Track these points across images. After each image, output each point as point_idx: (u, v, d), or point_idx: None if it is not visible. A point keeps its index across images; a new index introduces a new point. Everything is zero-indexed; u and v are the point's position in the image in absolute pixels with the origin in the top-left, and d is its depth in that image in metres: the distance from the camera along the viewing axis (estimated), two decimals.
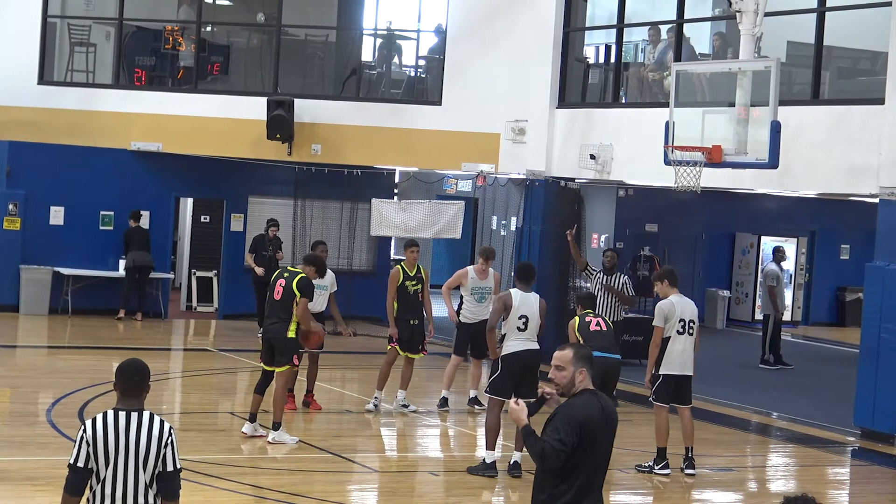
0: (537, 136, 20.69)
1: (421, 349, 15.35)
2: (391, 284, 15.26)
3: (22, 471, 11.56)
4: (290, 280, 13.19)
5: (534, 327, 12.59)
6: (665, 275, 13.12)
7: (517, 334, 12.49)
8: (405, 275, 15.25)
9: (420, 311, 15.33)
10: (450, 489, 12.15)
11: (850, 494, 13.56)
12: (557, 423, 6.52)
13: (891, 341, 15.09)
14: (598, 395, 6.69)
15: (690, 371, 12.93)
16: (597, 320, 13.07)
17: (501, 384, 12.43)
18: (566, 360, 6.65)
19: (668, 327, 12.77)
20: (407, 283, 15.22)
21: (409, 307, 15.24)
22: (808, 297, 28.59)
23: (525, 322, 12.54)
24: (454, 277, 15.89)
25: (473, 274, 15.59)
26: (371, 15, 23.79)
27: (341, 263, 22.65)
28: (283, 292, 13.18)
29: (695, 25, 20.27)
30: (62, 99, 22.63)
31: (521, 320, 12.51)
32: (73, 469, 6.27)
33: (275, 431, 13.20)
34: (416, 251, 15.43)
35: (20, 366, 18.12)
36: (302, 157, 22.03)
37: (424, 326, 15.38)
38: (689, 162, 15.01)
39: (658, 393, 12.85)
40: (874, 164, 15.49)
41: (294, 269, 13.44)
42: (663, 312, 12.80)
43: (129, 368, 6.43)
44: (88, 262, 22.48)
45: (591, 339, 12.77)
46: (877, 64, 17.48)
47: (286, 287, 13.17)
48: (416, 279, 15.26)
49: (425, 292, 15.45)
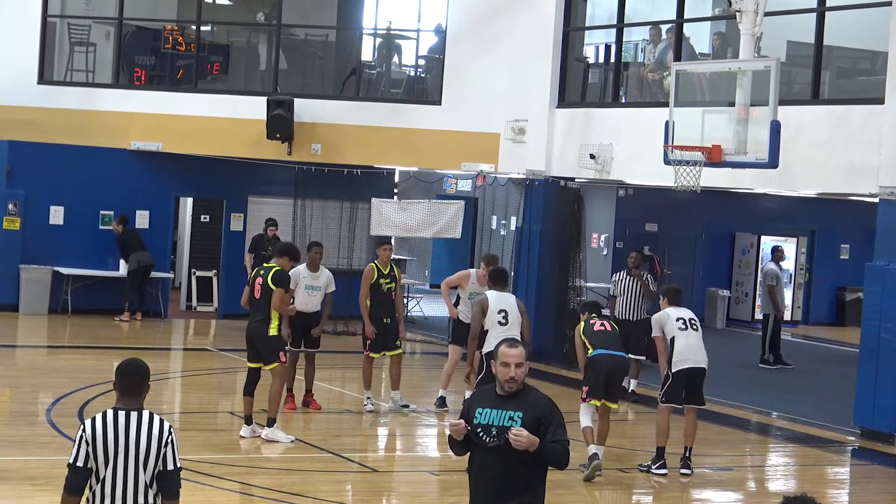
0: (537, 135, 20.69)
1: (398, 345, 15.36)
2: (364, 282, 15.25)
3: (22, 470, 11.56)
4: (266, 276, 13.25)
5: (515, 321, 12.67)
6: (668, 293, 13.30)
7: (498, 329, 12.58)
8: (379, 273, 15.24)
9: (392, 309, 15.33)
10: (450, 489, 12.14)
11: (850, 494, 13.56)
12: (560, 422, 6.60)
13: (891, 341, 15.09)
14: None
15: (704, 363, 12.90)
16: (601, 322, 13.07)
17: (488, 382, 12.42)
18: (524, 356, 6.72)
19: (668, 331, 12.87)
20: (381, 281, 15.22)
21: (382, 305, 15.22)
22: (808, 296, 28.58)
23: (505, 316, 12.65)
24: (456, 277, 15.92)
25: (475, 279, 15.54)
26: (371, 15, 23.78)
27: (341, 263, 22.64)
28: (262, 290, 13.24)
29: (695, 25, 20.27)
30: (62, 98, 22.62)
31: (501, 314, 12.65)
32: (73, 469, 6.26)
33: (268, 428, 13.20)
34: (389, 249, 15.47)
35: (20, 365, 18.12)
36: (302, 157, 22.03)
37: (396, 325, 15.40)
38: (689, 162, 15.02)
39: (668, 393, 12.85)
40: (874, 163, 15.49)
41: (269, 265, 13.48)
42: (658, 323, 13.02)
43: (129, 368, 6.43)
44: (88, 261, 22.47)
45: (595, 337, 12.77)
46: (877, 63, 17.48)
47: (263, 284, 13.23)
48: (390, 277, 15.28)
49: (398, 291, 15.52)
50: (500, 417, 6.58)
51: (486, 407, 6.67)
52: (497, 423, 6.59)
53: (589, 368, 12.57)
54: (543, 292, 20.39)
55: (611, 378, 12.62)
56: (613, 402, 12.80)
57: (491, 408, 6.65)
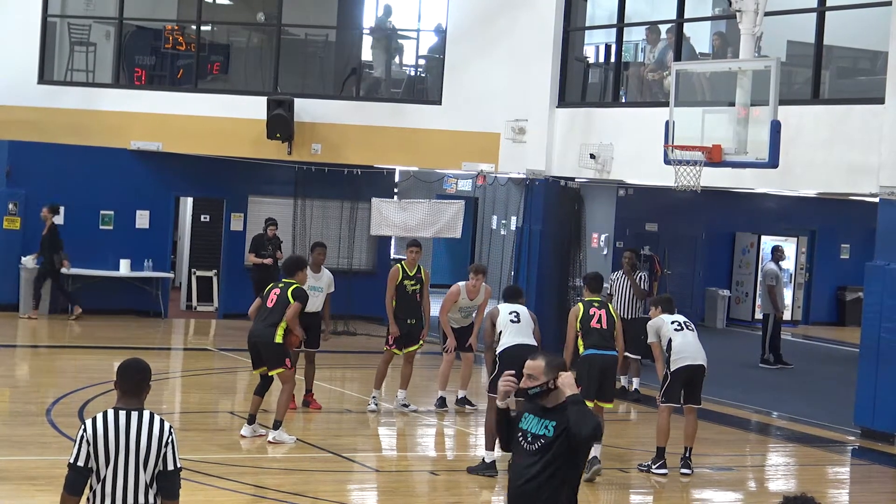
0: (537, 135, 20.69)
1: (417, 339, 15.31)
2: (390, 283, 15.27)
3: (22, 470, 11.57)
4: (285, 290, 13.31)
5: (527, 321, 12.65)
6: (660, 302, 13.34)
7: (511, 327, 12.57)
8: (404, 274, 15.24)
9: (418, 311, 15.31)
10: (450, 489, 12.15)
11: (850, 494, 13.56)
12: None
13: (891, 341, 15.08)
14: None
15: (703, 361, 12.88)
16: (600, 314, 12.77)
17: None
18: (538, 370, 6.67)
19: (664, 334, 12.91)
20: (406, 283, 15.20)
21: (407, 307, 15.22)
22: (808, 296, 28.58)
23: (517, 315, 12.63)
24: (448, 300, 15.25)
25: (465, 293, 15.18)
26: (371, 14, 23.77)
27: (341, 263, 22.64)
28: (277, 301, 13.30)
29: (695, 25, 20.28)
30: (62, 98, 22.63)
31: (512, 314, 12.64)
32: (73, 468, 6.26)
33: (275, 431, 13.22)
34: (416, 251, 15.41)
35: (20, 365, 18.12)
36: (302, 157, 22.03)
37: (422, 325, 15.38)
38: (689, 161, 15.02)
39: (668, 393, 12.85)
40: (874, 163, 15.49)
41: (289, 281, 13.47)
42: (654, 328, 13.07)
43: (130, 368, 6.43)
44: (88, 261, 22.47)
45: (590, 336, 12.67)
46: (877, 63, 17.48)
47: (280, 296, 13.28)
48: (416, 279, 15.24)
49: (425, 293, 15.42)
50: (539, 426, 6.68)
51: (532, 414, 6.76)
52: (534, 430, 6.69)
53: (581, 367, 12.54)
54: (544, 292, 20.40)
55: (604, 377, 12.63)
56: (608, 401, 12.80)
57: (534, 415, 6.74)
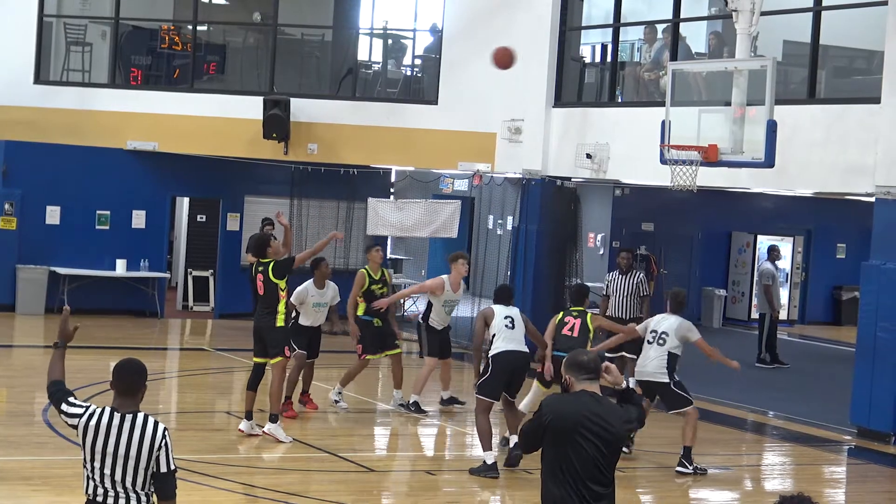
0: (533, 135, 20.68)
1: (396, 345, 15.35)
2: (355, 288, 15.20)
3: (18, 470, 11.56)
4: (266, 272, 13.26)
5: (520, 327, 12.68)
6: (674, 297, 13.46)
7: (505, 333, 12.60)
8: (370, 279, 15.18)
9: (385, 312, 15.22)
10: (449, 489, 12.15)
11: (847, 493, 13.57)
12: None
13: (887, 340, 15.11)
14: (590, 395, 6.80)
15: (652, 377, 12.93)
16: (574, 322, 13.27)
17: (491, 385, 12.46)
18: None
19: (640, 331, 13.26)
20: (373, 287, 15.15)
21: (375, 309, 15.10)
22: (804, 295, 28.60)
23: (511, 321, 12.66)
24: (430, 284, 15.30)
25: (449, 286, 15.08)
26: (367, 14, 23.76)
27: (338, 263, 22.63)
28: (265, 285, 13.27)
29: (691, 24, 20.28)
30: (58, 98, 22.61)
31: (507, 319, 12.68)
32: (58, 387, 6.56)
33: (271, 423, 13.21)
34: (380, 252, 15.44)
35: (16, 365, 18.11)
36: (298, 157, 22.02)
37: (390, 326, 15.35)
38: (686, 161, 15.02)
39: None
40: (870, 162, 15.50)
41: (264, 261, 13.41)
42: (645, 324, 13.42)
43: (125, 368, 6.44)
44: (85, 261, 22.46)
45: (559, 341, 13.15)
46: (873, 63, 17.49)
47: (266, 280, 13.25)
48: (381, 282, 15.25)
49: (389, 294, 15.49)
50: None
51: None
52: None
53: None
54: (540, 292, 20.40)
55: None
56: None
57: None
